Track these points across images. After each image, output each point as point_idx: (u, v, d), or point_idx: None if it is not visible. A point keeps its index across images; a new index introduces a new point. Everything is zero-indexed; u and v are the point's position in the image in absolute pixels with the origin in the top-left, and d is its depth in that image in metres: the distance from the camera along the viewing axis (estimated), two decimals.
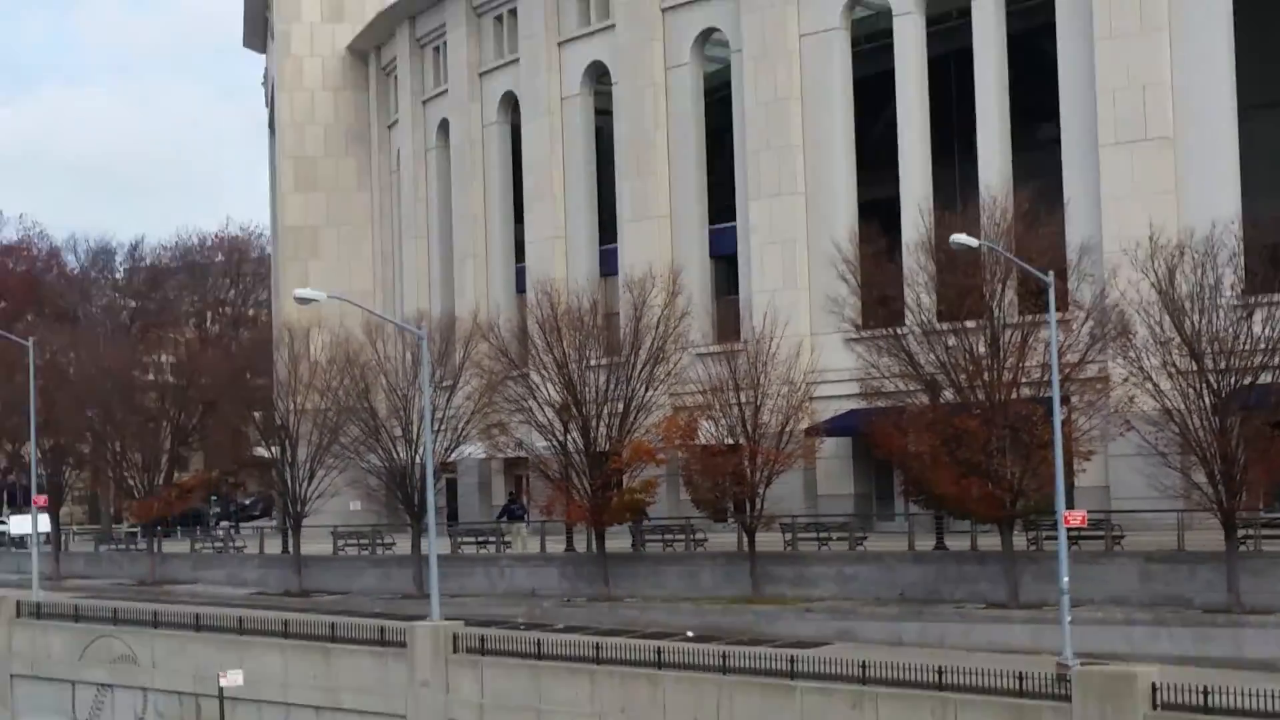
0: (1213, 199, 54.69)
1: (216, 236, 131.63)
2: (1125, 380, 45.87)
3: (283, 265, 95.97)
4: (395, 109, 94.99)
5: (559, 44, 79.03)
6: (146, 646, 53.11)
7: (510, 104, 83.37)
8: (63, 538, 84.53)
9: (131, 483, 73.91)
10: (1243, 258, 46.80)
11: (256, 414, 73.61)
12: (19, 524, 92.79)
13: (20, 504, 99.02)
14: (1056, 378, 42.23)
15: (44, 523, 77.10)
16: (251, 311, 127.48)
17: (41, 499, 71.51)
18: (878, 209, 65.04)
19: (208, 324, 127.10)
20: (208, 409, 74.84)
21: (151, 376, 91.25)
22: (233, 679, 46.68)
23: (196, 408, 75.03)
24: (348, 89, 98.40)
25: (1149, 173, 57.31)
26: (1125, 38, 58.27)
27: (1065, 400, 45.74)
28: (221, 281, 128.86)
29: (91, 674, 54.49)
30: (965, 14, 64.43)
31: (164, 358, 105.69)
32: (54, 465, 79.62)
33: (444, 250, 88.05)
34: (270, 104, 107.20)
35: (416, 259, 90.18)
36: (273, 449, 68.81)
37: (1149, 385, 44.61)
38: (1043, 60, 63.20)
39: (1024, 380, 47.18)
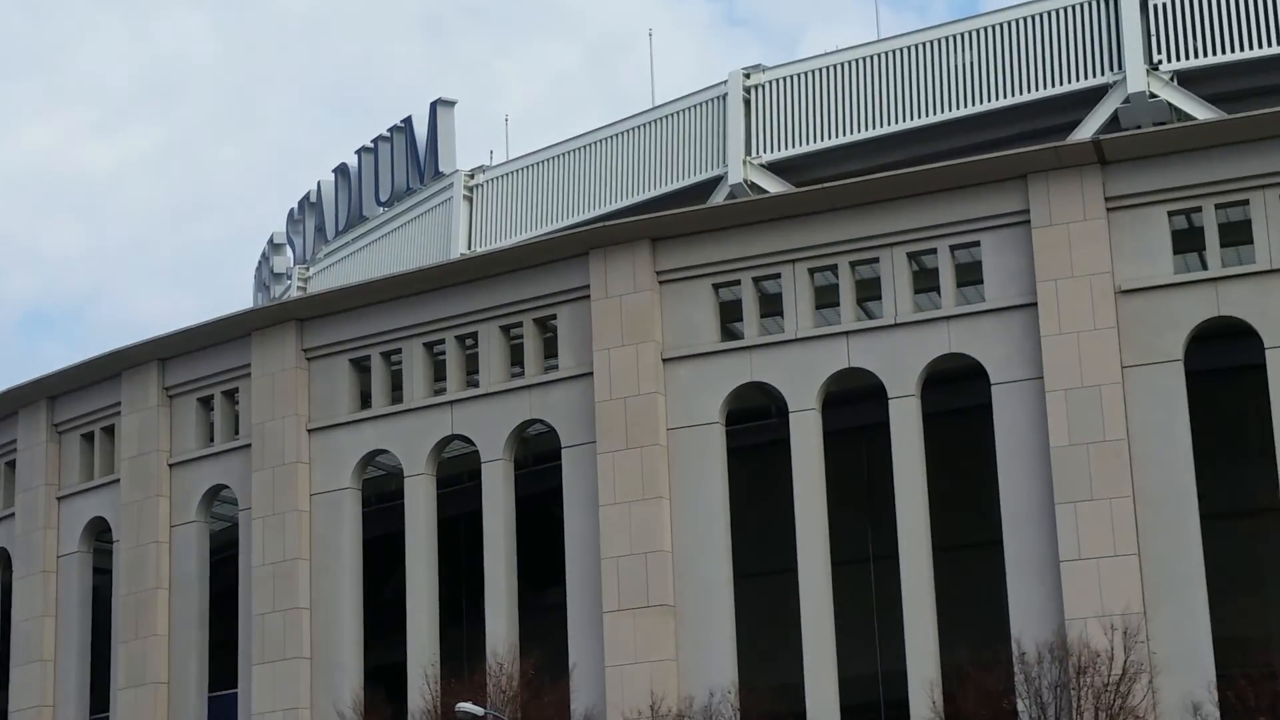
0: (711, 667, 54.61)
1: None
2: None
3: None
4: None
5: (59, 498, 75.88)
6: None
7: (3, 561, 79.12)
8: None
9: None
10: None
11: None
12: None
13: None
14: None
15: None
16: None
17: None
18: (386, 675, 63.06)
19: None
20: None
21: None
22: None
23: None
24: None
25: (651, 640, 56.79)
26: (628, 504, 58.99)
27: None
28: None
29: None
30: (476, 475, 64.54)
31: None
32: None
33: None
34: None
35: None
36: None
37: None
38: (552, 524, 63.55)
39: None
